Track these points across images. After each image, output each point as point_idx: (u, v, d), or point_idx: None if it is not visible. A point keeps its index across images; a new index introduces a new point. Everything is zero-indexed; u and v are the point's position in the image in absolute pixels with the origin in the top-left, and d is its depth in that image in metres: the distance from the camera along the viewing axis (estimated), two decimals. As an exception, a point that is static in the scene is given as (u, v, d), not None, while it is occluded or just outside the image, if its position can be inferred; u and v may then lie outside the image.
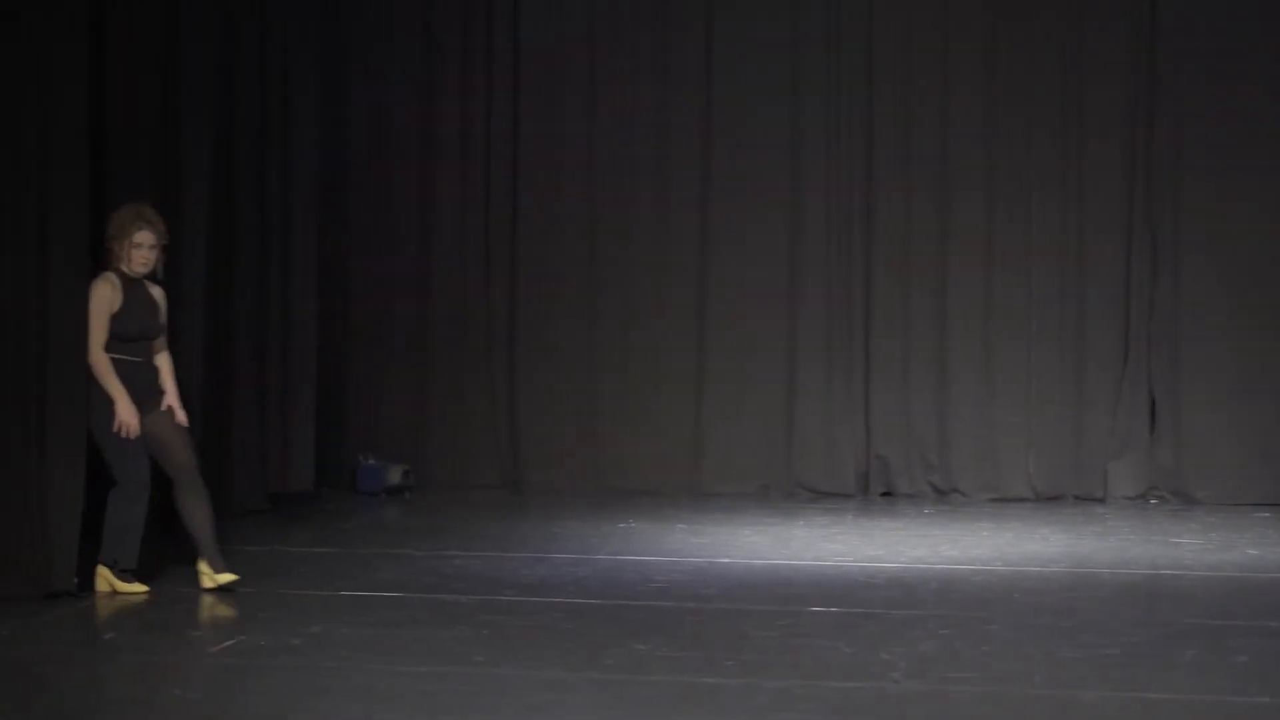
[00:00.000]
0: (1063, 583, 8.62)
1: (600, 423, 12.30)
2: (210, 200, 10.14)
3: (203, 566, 8.06)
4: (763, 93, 12.19)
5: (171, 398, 8.13)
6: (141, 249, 8.01)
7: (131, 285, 8.04)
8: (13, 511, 7.78)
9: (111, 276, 8.02)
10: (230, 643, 7.12)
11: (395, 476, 11.99)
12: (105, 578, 7.99)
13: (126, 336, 7.99)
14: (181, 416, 8.13)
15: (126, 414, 7.86)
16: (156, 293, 8.19)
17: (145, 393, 8.03)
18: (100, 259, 8.09)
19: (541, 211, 12.41)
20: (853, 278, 12.12)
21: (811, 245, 12.16)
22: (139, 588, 7.98)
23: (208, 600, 7.89)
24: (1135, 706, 6.11)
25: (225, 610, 7.72)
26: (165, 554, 9.11)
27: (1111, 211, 11.87)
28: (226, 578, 8.01)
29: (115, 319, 7.96)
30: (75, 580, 7.87)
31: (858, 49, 12.12)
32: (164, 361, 8.19)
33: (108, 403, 7.88)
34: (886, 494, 12.06)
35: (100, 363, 7.89)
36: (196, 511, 8.03)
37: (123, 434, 7.85)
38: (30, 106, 7.83)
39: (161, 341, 8.20)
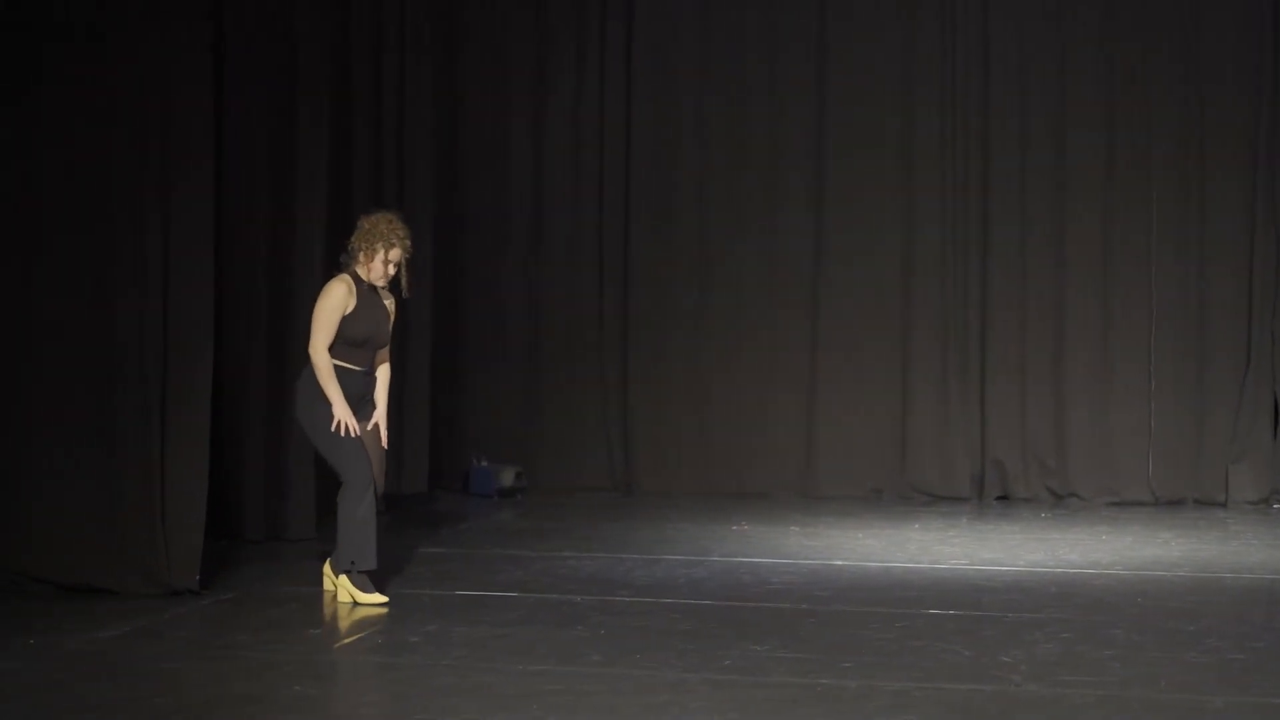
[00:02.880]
0: (1185, 587, 8.48)
1: (712, 425, 12.28)
2: (329, 206, 10.21)
3: (328, 569, 8.04)
4: (876, 98, 12.13)
5: (381, 414, 7.98)
6: (388, 265, 7.87)
7: (366, 291, 7.89)
8: (135, 510, 7.89)
9: (348, 279, 7.86)
10: (348, 641, 7.17)
11: (508, 479, 12.03)
12: (345, 588, 7.87)
13: (354, 342, 7.82)
14: (385, 438, 8.01)
15: (344, 413, 7.70)
16: (389, 302, 8.05)
17: (357, 402, 7.87)
18: (335, 257, 8.04)
19: (653, 214, 12.42)
20: (968, 278, 12.01)
21: (926, 246, 12.07)
22: (379, 599, 7.83)
23: (326, 600, 7.94)
24: (1265, 713, 5.99)
25: (344, 609, 7.77)
26: (269, 556, 9.24)
27: (1233, 210, 11.69)
28: (364, 597, 7.87)
29: (346, 322, 7.78)
30: (197, 578, 7.96)
31: (973, 52, 12.02)
32: (383, 374, 8.05)
33: (325, 405, 7.72)
34: (1002, 498, 11.93)
35: (323, 364, 7.72)
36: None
37: (342, 432, 7.71)
38: (153, 99, 7.94)
39: (385, 352, 8.06)
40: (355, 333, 7.81)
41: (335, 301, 7.77)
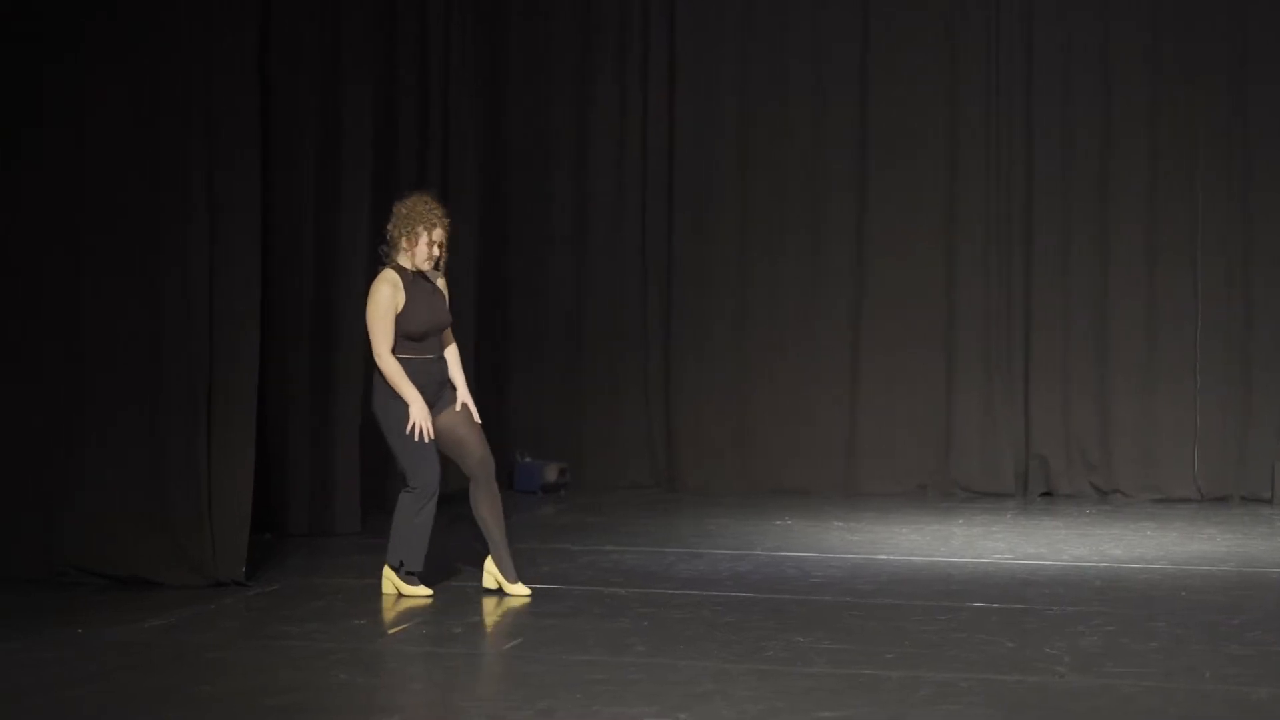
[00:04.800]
0: (1230, 581, 8.45)
1: (754, 422, 12.29)
2: (371, 206, 10.26)
3: (489, 566, 7.95)
4: (919, 97, 12.12)
5: (464, 394, 7.87)
6: (433, 246, 7.74)
7: (413, 279, 7.74)
8: (182, 503, 7.96)
9: (391, 275, 7.71)
10: (394, 631, 7.21)
11: (552, 475, 12.07)
12: (390, 579, 7.87)
13: (415, 335, 7.67)
14: (475, 413, 7.91)
15: (420, 415, 7.59)
16: (441, 282, 7.90)
17: (436, 391, 7.77)
18: (375, 252, 7.99)
19: (696, 213, 12.44)
20: (1011, 274, 12.00)
21: (969, 242, 12.05)
22: (423, 591, 7.83)
23: (369, 590, 7.99)
24: (1309, 703, 5.98)
25: (389, 600, 7.81)
26: (314, 549, 9.29)
27: (1278, 207, 11.62)
28: (518, 590, 7.86)
29: (402, 318, 7.63)
30: (243, 570, 8.02)
31: (1016, 49, 12.00)
32: (452, 355, 7.89)
33: (401, 404, 7.63)
34: (1046, 494, 11.91)
35: (390, 368, 7.58)
36: (489, 511, 7.84)
37: (415, 436, 7.63)
38: (198, 86, 8.01)
39: (449, 333, 7.91)
40: (414, 326, 7.69)
41: (385, 303, 7.64)
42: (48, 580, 8.01)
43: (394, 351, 7.65)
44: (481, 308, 12.01)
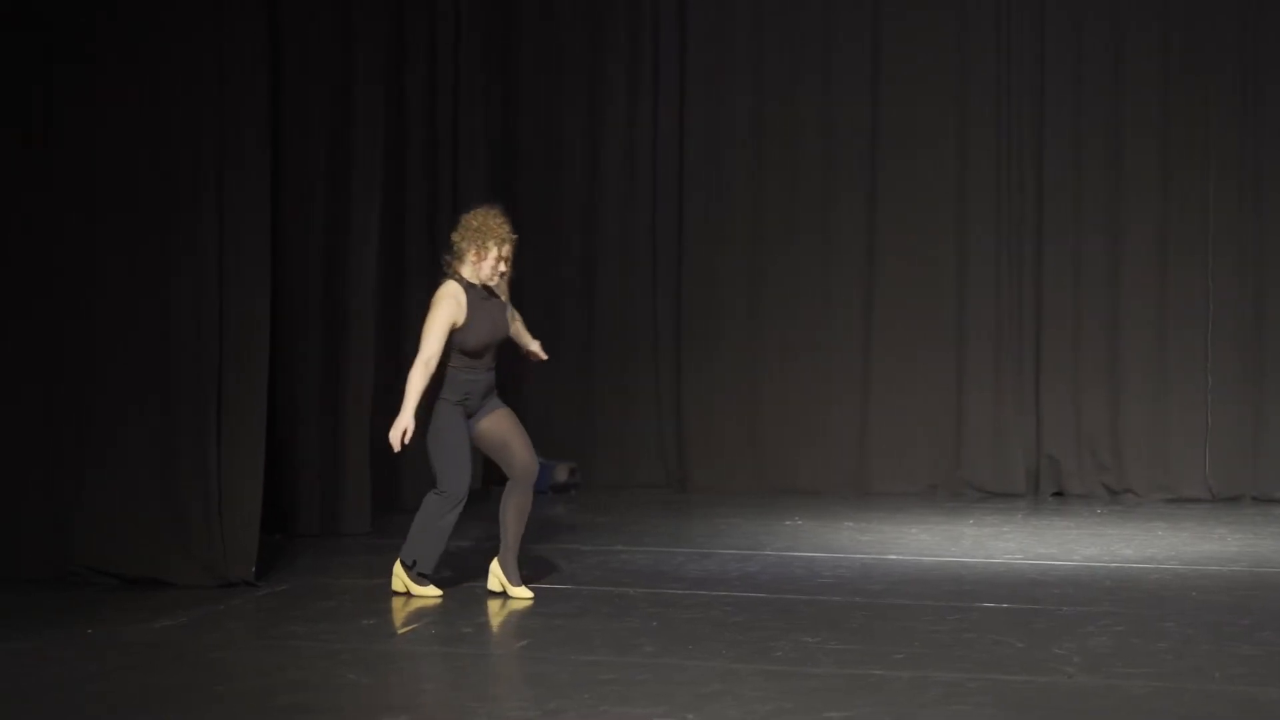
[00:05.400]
0: (1241, 582, 8.43)
1: (765, 422, 12.28)
2: (381, 208, 10.26)
3: (494, 568, 7.94)
4: (930, 99, 12.10)
5: (534, 344, 8.09)
6: (500, 261, 7.75)
7: (477, 293, 7.74)
8: (192, 503, 7.98)
9: (456, 289, 7.68)
10: (403, 631, 7.22)
11: (562, 475, 12.07)
12: (400, 578, 7.86)
13: (473, 352, 7.70)
14: (537, 348, 8.09)
15: (404, 425, 7.45)
16: (504, 297, 7.93)
17: (481, 400, 7.77)
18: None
19: (707, 214, 12.43)
20: (1023, 275, 11.98)
21: (980, 243, 12.04)
22: (433, 591, 7.82)
23: (378, 590, 7.99)
24: (1319, 703, 5.96)
25: (398, 600, 7.82)
26: (324, 550, 9.30)
27: (1291, 206, 11.62)
28: (520, 592, 7.83)
29: (461, 333, 7.62)
30: (253, 570, 8.03)
31: (1027, 46, 11.99)
32: (517, 330, 8.08)
33: (446, 407, 7.62)
34: (1058, 494, 11.89)
35: (416, 382, 7.48)
36: (515, 514, 7.81)
37: (394, 442, 7.47)
38: (209, 87, 8.02)
39: (517, 325, 8.06)
40: (474, 342, 7.68)
41: (444, 318, 7.59)
42: (57, 580, 8.02)
43: (447, 362, 7.62)
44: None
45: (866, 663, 6.50)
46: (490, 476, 11.97)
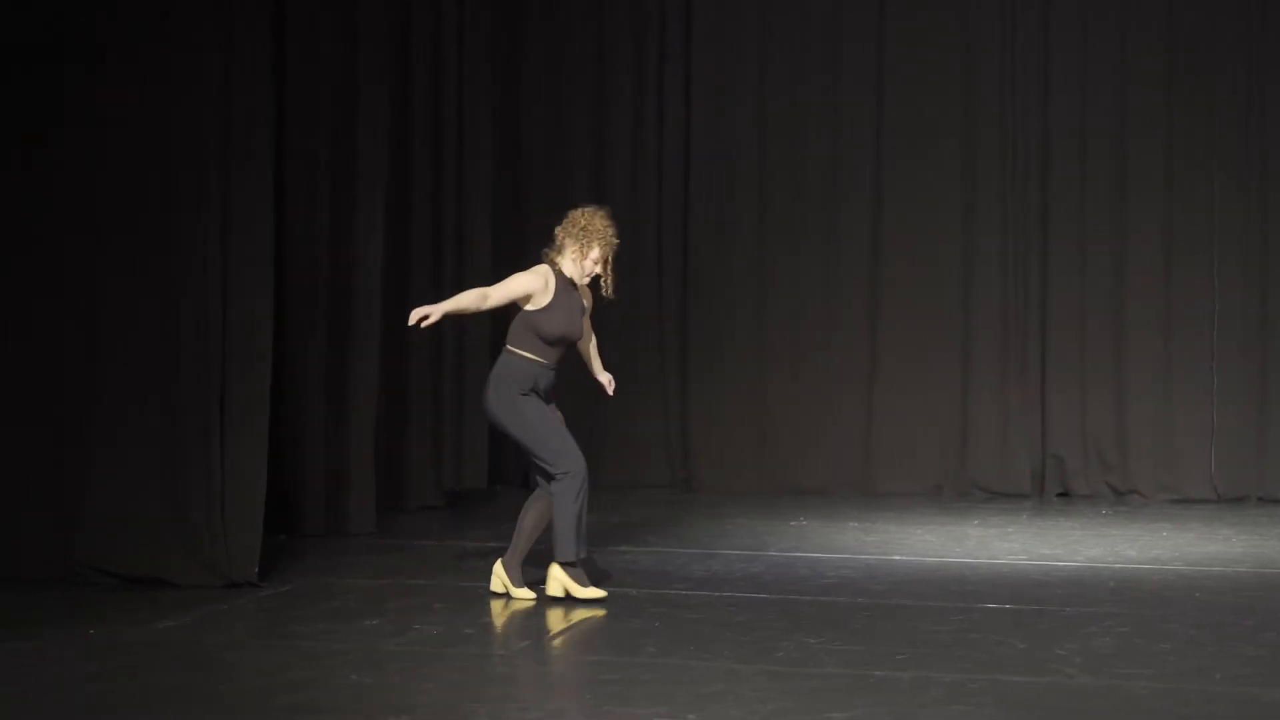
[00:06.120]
0: (1245, 583, 8.42)
1: (771, 422, 12.28)
2: (385, 208, 10.27)
3: (498, 569, 7.92)
4: (936, 99, 12.10)
5: (605, 375, 8.04)
6: (597, 264, 7.71)
7: (566, 286, 7.72)
8: (195, 502, 7.98)
9: (548, 270, 7.68)
10: (406, 632, 7.22)
11: (566, 475, 12.03)
12: (559, 580, 7.75)
13: (548, 338, 7.65)
14: (607, 380, 8.05)
15: (433, 311, 7.36)
16: (587, 300, 7.90)
17: (545, 396, 7.71)
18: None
19: (713, 213, 12.43)
20: (1028, 275, 11.97)
21: (986, 242, 12.03)
22: (596, 593, 7.72)
23: (382, 590, 7.99)
24: (1321, 705, 5.95)
25: (401, 601, 7.82)
26: (328, 550, 9.30)
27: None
28: (523, 594, 7.80)
29: (541, 317, 7.62)
30: (256, 571, 8.03)
31: (1033, 46, 11.97)
32: (588, 348, 8.05)
33: (512, 394, 7.58)
34: (1063, 494, 11.88)
35: (468, 296, 7.55)
36: (535, 518, 7.81)
37: (411, 320, 7.39)
38: (214, 88, 8.02)
39: (585, 336, 7.97)
40: (550, 329, 7.64)
41: (528, 283, 7.59)
42: (61, 580, 8.03)
43: (520, 346, 7.62)
44: (500, 311, 11.96)
45: (869, 663, 6.50)
46: (496, 476, 12.02)
